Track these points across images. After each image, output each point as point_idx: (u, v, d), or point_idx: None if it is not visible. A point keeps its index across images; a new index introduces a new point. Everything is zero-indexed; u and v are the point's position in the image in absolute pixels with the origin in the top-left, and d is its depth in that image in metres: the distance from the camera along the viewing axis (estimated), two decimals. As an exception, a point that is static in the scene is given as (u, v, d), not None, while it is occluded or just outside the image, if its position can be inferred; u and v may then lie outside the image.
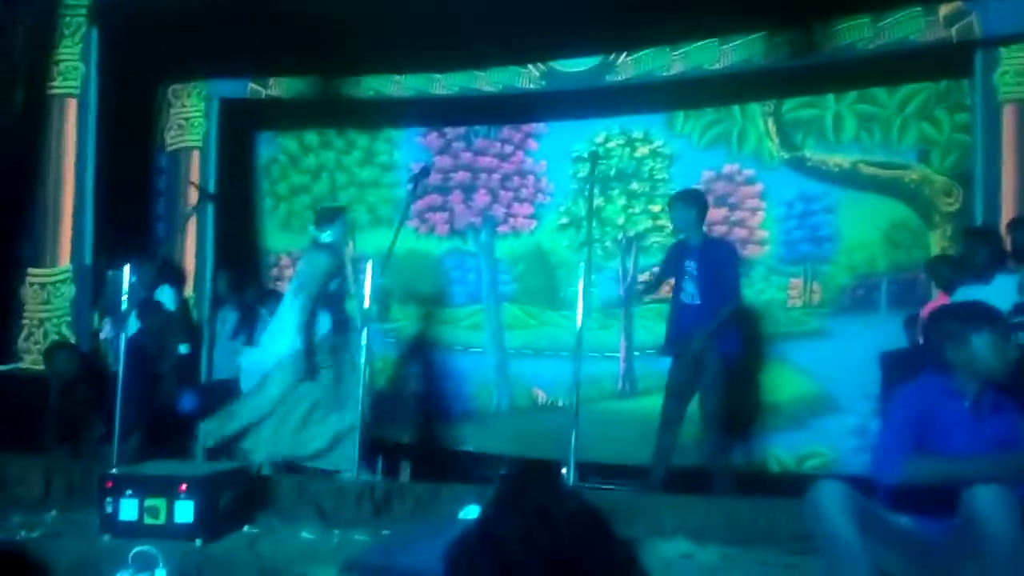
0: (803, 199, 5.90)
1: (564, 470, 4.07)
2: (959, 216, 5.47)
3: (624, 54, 5.89)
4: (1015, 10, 4.97)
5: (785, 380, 5.81)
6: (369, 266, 4.72)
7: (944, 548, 2.56)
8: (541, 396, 6.40)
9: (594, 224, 6.33)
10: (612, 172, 6.36)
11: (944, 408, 2.59)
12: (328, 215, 5.10)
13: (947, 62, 5.41)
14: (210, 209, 6.44)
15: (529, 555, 1.17)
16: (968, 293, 4.48)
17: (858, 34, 5.36)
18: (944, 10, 5.17)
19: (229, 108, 6.65)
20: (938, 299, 4.84)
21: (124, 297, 4.56)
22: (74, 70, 6.11)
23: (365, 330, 4.41)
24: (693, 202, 4.67)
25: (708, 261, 4.55)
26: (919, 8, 5.22)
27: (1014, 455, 2.50)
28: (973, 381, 2.60)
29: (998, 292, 4.31)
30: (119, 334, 4.78)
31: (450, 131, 6.80)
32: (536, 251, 6.55)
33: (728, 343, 4.54)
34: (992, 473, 2.42)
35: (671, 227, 4.99)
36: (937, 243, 5.57)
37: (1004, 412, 2.61)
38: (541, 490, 1.24)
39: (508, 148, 6.68)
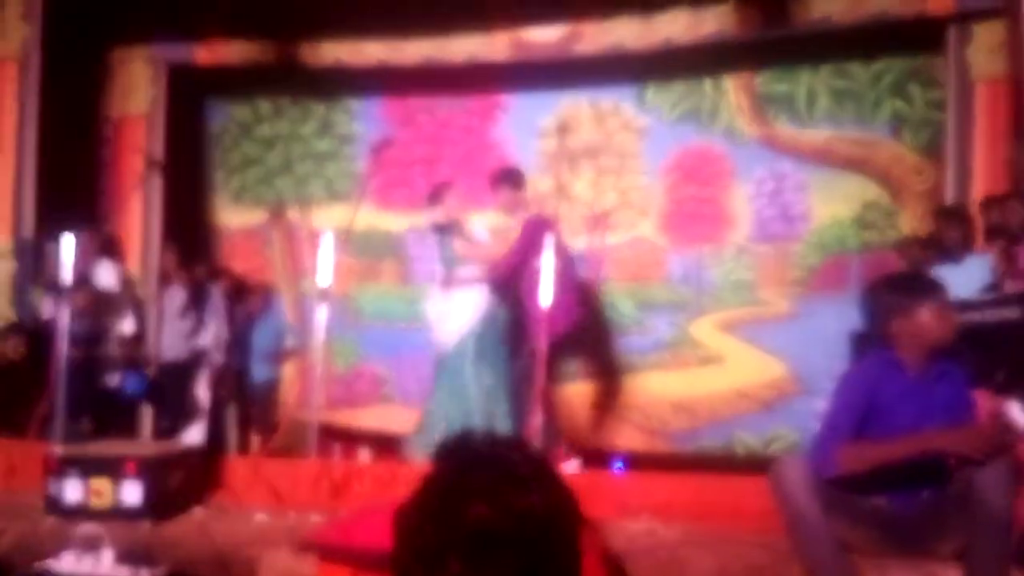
0: (774, 177, 6.02)
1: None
2: (930, 195, 5.61)
3: (593, 23, 5.92)
4: (990, -14, 5.10)
5: (753, 362, 5.94)
6: (328, 241, 4.72)
7: (915, 521, 2.67)
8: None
9: (562, 200, 6.41)
10: (581, 146, 6.41)
11: (890, 383, 2.69)
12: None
13: (922, 37, 5.53)
14: (158, 181, 6.37)
15: (499, 515, 1.10)
16: (940, 273, 4.62)
17: (833, 6, 5.45)
18: (920, -16, 5.28)
19: (178, 74, 6.56)
20: (908, 279, 4.97)
21: (64, 272, 4.51)
22: (15, 32, 5.99)
23: (323, 309, 4.41)
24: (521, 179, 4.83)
25: None
26: (895, -19, 5.32)
27: (939, 429, 2.59)
28: (918, 352, 2.69)
29: (970, 273, 4.45)
30: (60, 312, 4.73)
31: (413, 102, 6.79)
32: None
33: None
34: (925, 447, 2.53)
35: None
36: (908, 222, 5.71)
37: (950, 378, 2.72)
38: (506, 445, 1.21)
39: (473, 120, 6.69)
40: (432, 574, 1.12)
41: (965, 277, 4.43)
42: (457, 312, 4.86)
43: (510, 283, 4.79)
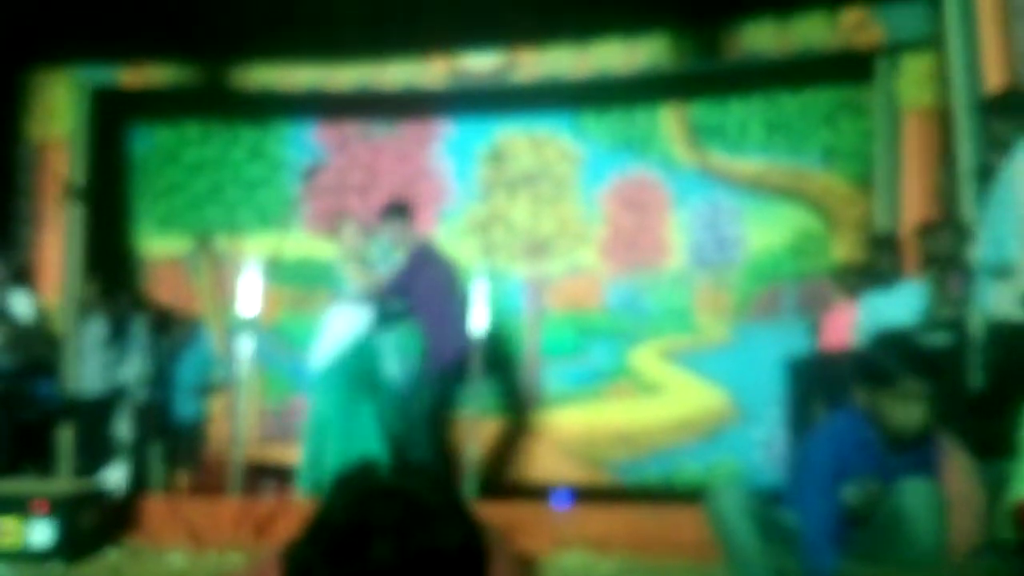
0: (710, 205, 6.09)
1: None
2: (863, 223, 5.73)
3: (529, 52, 5.95)
4: (916, 18, 5.24)
5: (693, 391, 5.96)
6: (253, 270, 4.61)
7: (856, 546, 2.66)
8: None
9: (498, 228, 6.39)
10: (518, 174, 6.41)
11: (858, 453, 2.68)
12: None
13: (850, 68, 5.68)
14: (79, 207, 6.16)
15: (404, 554, 1.00)
16: (874, 300, 4.70)
17: (763, 39, 5.56)
18: (847, 16, 5.41)
19: (100, 97, 6.36)
20: (842, 306, 5.05)
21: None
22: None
23: (248, 339, 4.30)
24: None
25: None
26: (823, 14, 5.45)
27: None
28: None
29: (903, 299, 4.53)
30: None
31: (347, 127, 6.72)
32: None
33: None
34: None
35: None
36: (842, 250, 5.82)
37: (920, 442, 2.71)
38: (414, 476, 1.13)
39: (409, 147, 6.65)
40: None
41: (899, 303, 4.50)
42: (331, 329, 4.95)
43: (389, 306, 5.02)
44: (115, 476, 5.17)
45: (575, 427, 6.10)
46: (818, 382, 4.77)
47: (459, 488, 4.06)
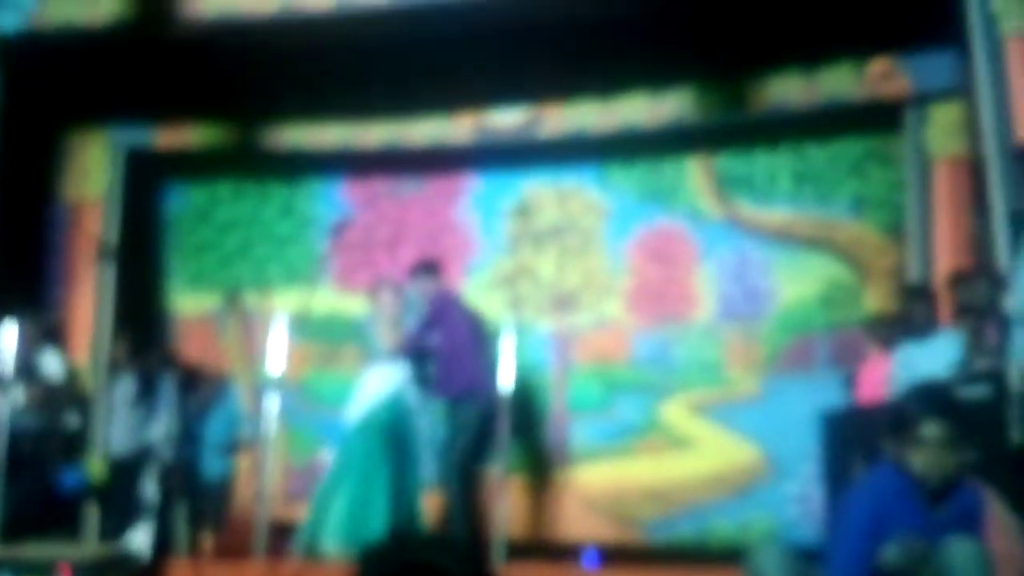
0: (738, 256, 6.03)
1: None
2: (895, 273, 5.64)
3: (554, 107, 6.00)
4: (944, 67, 5.23)
5: (724, 446, 5.84)
6: (281, 327, 4.61)
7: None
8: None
9: (525, 281, 6.37)
10: (544, 227, 6.41)
11: (897, 507, 2.61)
12: None
13: (879, 118, 5.65)
14: (111, 266, 6.24)
15: None
16: (908, 352, 4.60)
17: (790, 90, 5.57)
18: (874, 67, 5.41)
19: (134, 157, 6.51)
20: (876, 358, 4.95)
21: (6, 363, 4.35)
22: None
23: (275, 397, 4.29)
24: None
25: None
26: (849, 65, 5.45)
27: None
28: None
29: (938, 350, 4.43)
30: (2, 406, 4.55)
31: (375, 184, 6.79)
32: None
33: None
34: None
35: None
36: (874, 301, 5.73)
37: (960, 493, 2.63)
38: (444, 549, 1.15)
39: (436, 202, 6.69)
40: None
41: (934, 354, 4.40)
42: (364, 389, 4.99)
43: (419, 358, 5.09)
44: (140, 537, 5.12)
45: (604, 484, 5.99)
46: (854, 436, 4.64)
47: (488, 553, 4.00)
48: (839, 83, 5.49)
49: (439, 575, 1.10)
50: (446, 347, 4.96)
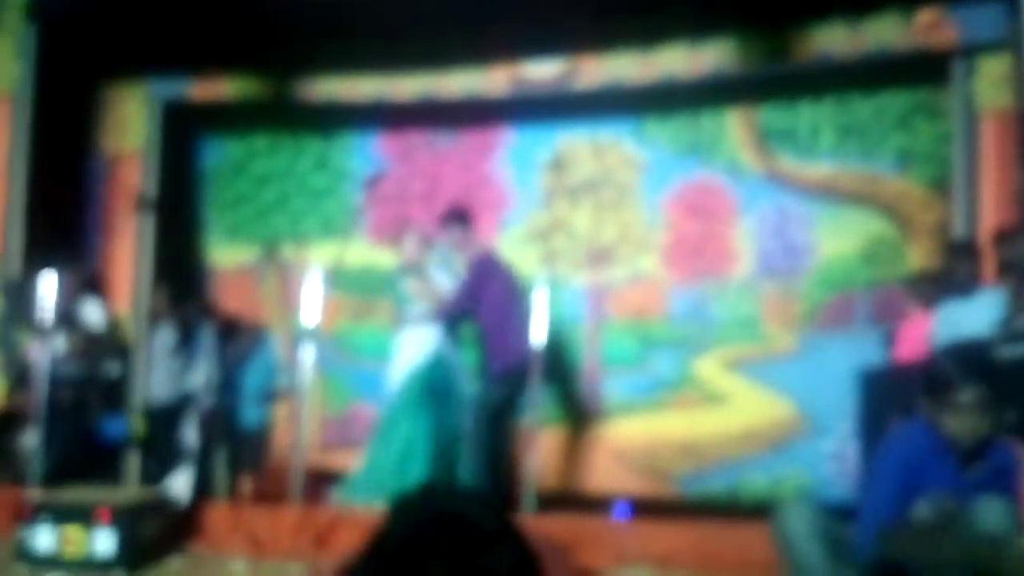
0: (778, 211, 5.93)
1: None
2: (939, 229, 5.51)
3: (592, 58, 5.89)
4: (993, 18, 5.04)
5: (759, 402, 5.80)
6: (316, 279, 4.64)
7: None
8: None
9: (560, 236, 6.33)
10: (580, 181, 6.35)
11: (929, 465, 2.58)
12: None
13: (925, 70, 5.48)
14: (150, 218, 6.32)
15: None
16: (949, 310, 4.51)
17: (834, 40, 5.41)
18: (921, 17, 5.23)
19: (172, 110, 6.54)
20: (917, 316, 4.86)
21: (47, 311, 4.43)
22: (7, 68, 5.98)
23: (310, 348, 4.33)
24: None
25: None
26: (896, 14, 5.27)
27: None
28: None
29: (981, 308, 4.34)
30: (43, 355, 4.65)
31: (410, 137, 6.75)
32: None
33: None
34: None
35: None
36: (917, 257, 5.61)
37: (993, 452, 2.60)
38: (468, 500, 1.14)
39: (471, 155, 6.64)
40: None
41: (976, 312, 4.32)
42: (404, 352, 5.03)
43: (458, 321, 5.07)
44: (180, 482, 5.25)
45: (637, 438, 5.99)
46: (892, 394, 4.59)
47: (518, 503, 4.03)
48: (885, 33, 5.31)
49: (469, 526, 1.10)
50: (490, 319, 4.92)
